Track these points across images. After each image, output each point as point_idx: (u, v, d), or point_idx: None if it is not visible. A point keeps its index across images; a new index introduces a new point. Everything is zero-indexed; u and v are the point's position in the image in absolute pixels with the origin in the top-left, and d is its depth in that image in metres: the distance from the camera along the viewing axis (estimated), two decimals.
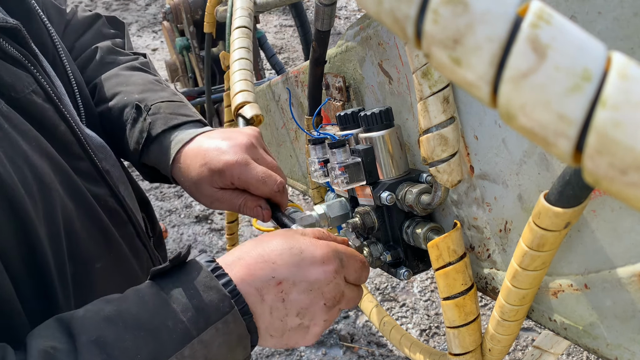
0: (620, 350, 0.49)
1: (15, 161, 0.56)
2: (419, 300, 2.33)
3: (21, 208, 0.54)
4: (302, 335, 0.59)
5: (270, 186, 0.72)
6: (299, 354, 2.12)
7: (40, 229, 0.56)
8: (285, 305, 0.56)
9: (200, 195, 0.77)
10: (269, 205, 0.75)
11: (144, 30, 5.60)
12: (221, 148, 0.74)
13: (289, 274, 0.56)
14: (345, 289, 0.60)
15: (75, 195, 0.64)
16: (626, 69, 0.20)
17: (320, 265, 0.58)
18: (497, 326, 0.57)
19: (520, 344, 2.09)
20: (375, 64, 0.73)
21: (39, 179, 0.58)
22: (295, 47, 4.97)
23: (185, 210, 3.10)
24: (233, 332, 0.53)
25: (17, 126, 0.58)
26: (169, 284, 0.54)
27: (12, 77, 0.61)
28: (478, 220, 0.64)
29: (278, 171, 0.76)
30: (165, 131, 0.80)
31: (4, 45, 0.62)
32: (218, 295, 0.53)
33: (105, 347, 0.49)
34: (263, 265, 0.56)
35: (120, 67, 0.92)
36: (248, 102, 0.86)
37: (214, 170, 0.73)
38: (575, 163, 0.21)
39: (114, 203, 0.72)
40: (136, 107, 0.83)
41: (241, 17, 1.01)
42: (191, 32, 2.70)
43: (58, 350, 0.49)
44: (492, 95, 0.23)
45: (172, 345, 0.51)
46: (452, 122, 0.54)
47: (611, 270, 0.47)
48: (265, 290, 0.56)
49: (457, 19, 0.22)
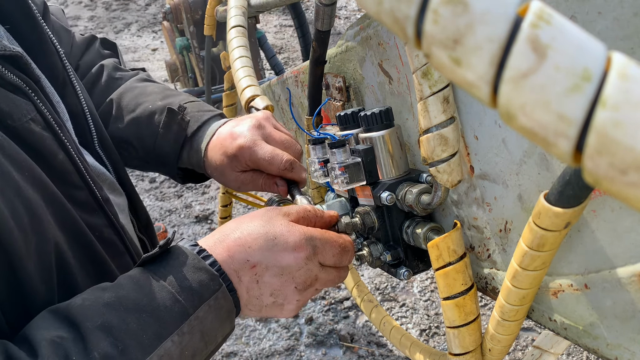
0: (620, 350, 0.49)
1: (6, 193, 0.55)
2: (419, 300, 2.33)
3: (9, 242, 0.54)
4: (279, 310, 0.64)
5: (277, 165, 0.76)
6: (298, 354, 2.12)
7: (28, 262, 0.56)
8: (259, 286, 0.61)
9: (227, 181, 0.83)
10: (286, 181, 0.79)
11: (144, 30, 5.60)
12: (234, 133, 0.80)
13: (262, 258, 0.61)
14: (320, 273, 0.64)
15: (68, 227, 0.63)
16: (626, 69, 0.20)
17: (292, 252, 0.61)
18: (497, 326, 0.57)
19: (520, 344, 2.09)
20: (375, 64, 0.73)
21: (31, 211, 0.57)
22: (295, 47, 4.96)
23: (185, 210, 3.10)
24: (223, 307, 0.58)
25: (11, 156, 0.58)
26: (160, 268, 0.58)
27: (9, 104, 0.61)
28: (478, 220, 0.64)
29: (290, 146, 0.80)
30: (196, 130, 0.86)
31: (3, 72, 0.62)
32: (207, 275, 0.58)
33: (111, 331, 0.51)
34: (240, 248, 0.61)
35: (131, 81, 0.97)
36: (257, 95, 0.90)
37: (230, 155, 0.79)
38: (575, 163, 0.21)
39: (111, 233, 0.72)
40: (168, 111, 0.87)
41: (235, 17, 1.02)
42: (191, 32, 2.70)
43: (65, 339, 0.50)
44: (492, 96, 0.23)
45: (172, 323, 0.54)
46: (452, 122, 0.54)
47: (611, 270, 0.47)
48: (242, 272, 0.60)
49: (457, 19, 0.22)
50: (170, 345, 0.54)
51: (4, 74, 0.62)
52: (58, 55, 0.77)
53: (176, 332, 0.54)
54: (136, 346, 0.52)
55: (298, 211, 0.66)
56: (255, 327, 2.26)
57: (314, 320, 2.27)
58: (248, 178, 0.81)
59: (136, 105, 0.90)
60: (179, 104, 0.88)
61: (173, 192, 3.27)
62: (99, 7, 5.99)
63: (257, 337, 2.22)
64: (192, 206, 3.12)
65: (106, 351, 0.50)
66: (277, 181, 0.79)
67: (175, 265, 0.58)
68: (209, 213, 3.04)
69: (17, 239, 0.55)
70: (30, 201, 0.57)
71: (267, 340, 2.20)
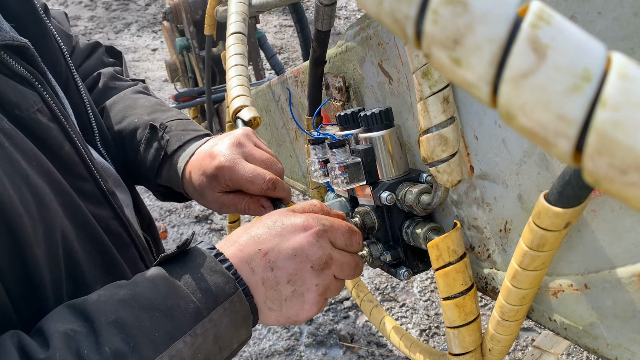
0: (620, 350, 0.49)
1: (15, 180, 0.55)
2: (419, 300, 2.33)
3: (18, 228, 0.54)
4: (300, 304, 0.61)
5: (259, 185, 0.73)
6: (298, 354, 2.12)
7: (37, 250, 0.56)
8: (275, 273, 0.59)
9: (207, 202, 0.80)
10: (272, 201, 0.76)
11: (144, 30, 5.60)
12: (212, 153, 0.77)
13: (273, 244, 0.60)
14: (333, 252, 0.62)
15: (76, 217, 0.64)
16: (626, 69, 0.20)
17: (302, 231, 0.61)
18: (497, 326, 0.57)
19: (520, 344, 2.09)
20: (375, 64, 0.73)
21: (39, 199, 0.58)
22: (295, 47, 4.97)
23: (185, 210, 3.10)
24: (239, 311, 0.58)
25: (19, 145, 0.58)
26: (177, 268, 0.58)
27: (17, 95, 0.61)
28: (478, 220, 0.64)
29: (271, 164, 0.77)
30: (176, 150, 0.84)
31: (11, 63, 0.62)
32: (223, 278, 0.57)
33: (124, 327, 0.52)
34: (251, 242, 0.60)
35: (126, 92, 0.96)
36: (245, 106, 0.88)
37: (210, 175, 0.76)
38: (575, 163, 0.21)
39: (117, 225, 0.72)
40: (151, 127, 0.86)
41: (235, 23, 1.02)
42: (191, 32, 2.69)
43: (78, 332, 0.51)
44: (492, 96, 0.23)
45: (186, 324, 0.54)
46: (452, 122, 0.54)
47: (611, 270, 0.47)
48: (255, 263, 0.59)
49: (457, 19, 0.22)
50: (182, 345, 0.54)
51: (11, 64, 0.62)
52: (61, 53, 0.77)
53: (189, 332, 0.54)
54: (148, 344, 0.52)
55: (304, 206, 0.66)
56: (255, 327, 2.26)
57: (314, 320, 2.27)
58: (229, 200, 0.77)
59: (123, 118, 0.90)
60: (162, 122, 0.86)
61: None
62: (99, 7, 5.99)
63: (257, 337, 2.22)
64: (192, 206, 3.12)
65: (117, 347, 0.50)
66: (264, 203, 0.76)
67: (192, 266, 0.58)
68: (209, 213, 3.04)
69: (26, 225, 0.55)
70: (38, 189, 0.58)
71: (267, 340, 2.20)
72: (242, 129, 0.82)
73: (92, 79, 0.97)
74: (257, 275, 0.59)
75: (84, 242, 0.65)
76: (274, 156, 0.79)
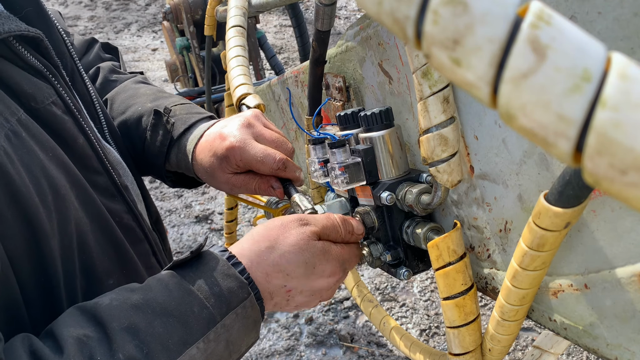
0: (620, 350, 0.49)
1: (32, 170, 0.55)
2: (419, 300, 2.33)
3: (35, 218, 0.54)
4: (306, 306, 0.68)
5: (269, 165, 0.74)
6: (298, 354, 2.12)
7: (52, 240, 0.56)
8: (288, 303, 0.64)
9: (218, 184, 0.80)
10: (282, 182, 0.77)
11: (144, 30, 5.60)
12: (223, 134, 0.77)
13: (299, 284, 0.63)
14: (343, 276, 0.69)
15: (90, 210, 0.64)
16: (626, 70, 0.20)
17: (327, 278, 0.65)
18: (497, 326, 0.57)
19: (520, 344, 2.09)
20: (375, 64, 0.73)
21: (55, 190, 0.57)
22: (295, 47, 4.96)
23: (185, 210, 3.10)
24: (250, 316, 0.58)
25: (36, 136, 0.58)
26: (190, 272, 0.58)
27: (32, 87, 0.61)
28: (478, 220, 0.64)
29: (281, 144, 0.78)
30: (183, 133, 0.84)
31: (25, 55, 0.62)
32: (237, 283, 0.58)
33: (137, 333, 0.51)
34: (279, 275, 0.62)
35: (126, 83, 0.96)
36: (250, 94, 0.88)
37: (220, 156, 0.76)
38: (575, 163, 0.21)
39: (130, 220, 0.72)
40: (155, 113, 0.86)
41: (235, 17, 1.02)
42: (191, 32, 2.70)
43: (91, 338, 0.50)
44: (492, 96, 0.23)
45: (199, 330, 0.54)
46: (452, 122, 0.54)
47: (611, 270, 0.47)
48: (276, 294, 0.62)
49: (457, 19, 0.22)
50: (195, 352, 0.53)
51: (25, 56, 0.62)
52: (65, 45, 0.77)
53: (202, 338, 0.54)
54: (161, 351, 0.51)
55: (324, 226, 0.67)
56: None
57: (314, 320, 2.27)
58: (240, 180, 0.78)
59: (126, 108, 0.90)
60: (166, 106, 0.86)
61: (173, 192, 3.27)
62: (99, 7, 5.99)
63: None
64: (192, 206, 3.12)
65: (131, 353, 0.50)
66: (273, 183, 0.77)
67: (204, 270, 0.58)
68: (209, 213, 3.04)
69: (42, 215, 0.55)
70: (55, 181, 0.58)
71: (267, 340, 2.20)
72: (250, 110, 0.82)
73: (91, 73, 0.97)
74: (273, 301, 0.63)
75: (98, 235, 0.64)
76: (283, 136, 0.80)
